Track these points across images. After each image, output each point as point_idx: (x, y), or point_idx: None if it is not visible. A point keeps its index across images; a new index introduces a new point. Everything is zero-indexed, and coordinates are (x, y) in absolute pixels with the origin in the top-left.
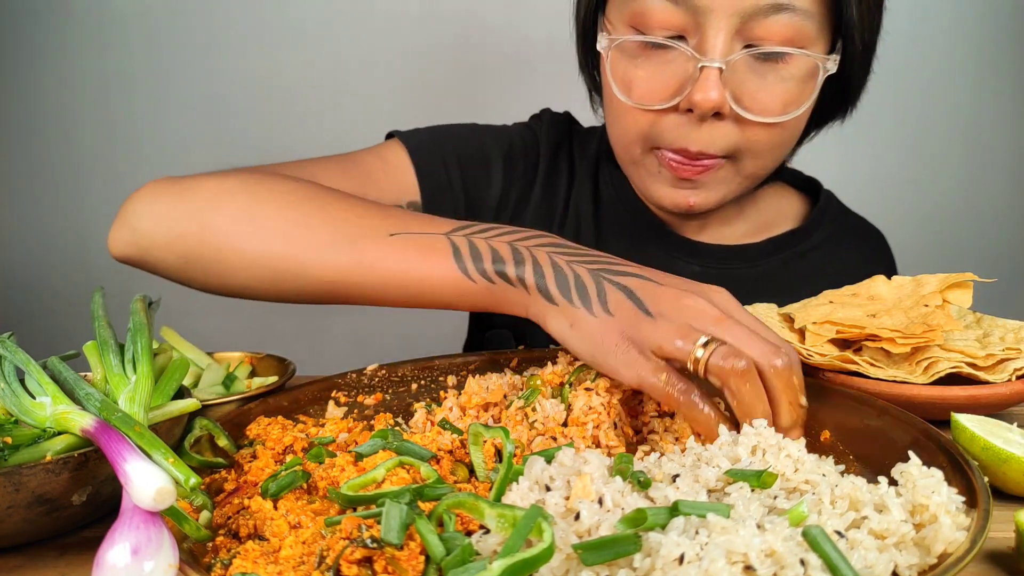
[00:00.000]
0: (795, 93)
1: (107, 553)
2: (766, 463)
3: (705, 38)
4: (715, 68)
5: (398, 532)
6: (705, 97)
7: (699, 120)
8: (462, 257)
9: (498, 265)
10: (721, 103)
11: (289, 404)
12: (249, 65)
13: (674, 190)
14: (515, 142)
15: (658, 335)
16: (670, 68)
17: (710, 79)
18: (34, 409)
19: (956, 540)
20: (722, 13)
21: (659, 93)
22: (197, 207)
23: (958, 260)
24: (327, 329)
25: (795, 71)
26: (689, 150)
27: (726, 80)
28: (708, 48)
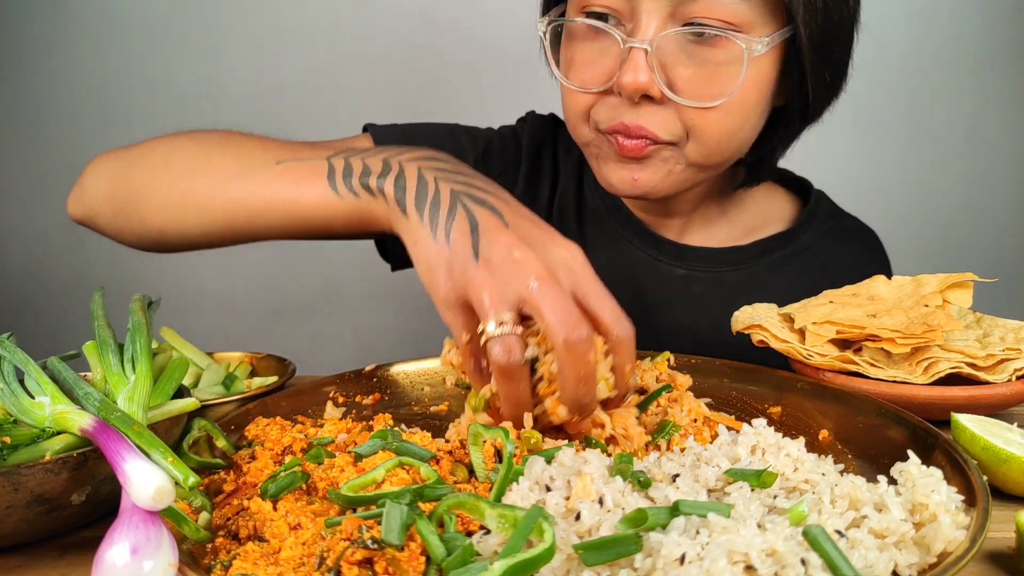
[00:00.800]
0: (725, 77)
1: (106, 552)
2: (766, 463)
3: (637, 20)
4: (641, 49)
5: (399, 533)
6: (632, 79)
7: (631, 103)
8: (335, 175)
9: (364, 178)
10: (647, 86)
11: (288, 404)
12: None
13: (620, 167)
14: (494, 144)
15: (474, 284)
16: (606, 51)
17: (637, 61)
18: (33, 409)
19: (956, 539)
20: None
21: (595, 76)
22: (126, 164)
23: (958, 260)
24: (327, 329)
25: (726, 54)
26: (626, 124)
27: (655, 63)
28: (638, 30)
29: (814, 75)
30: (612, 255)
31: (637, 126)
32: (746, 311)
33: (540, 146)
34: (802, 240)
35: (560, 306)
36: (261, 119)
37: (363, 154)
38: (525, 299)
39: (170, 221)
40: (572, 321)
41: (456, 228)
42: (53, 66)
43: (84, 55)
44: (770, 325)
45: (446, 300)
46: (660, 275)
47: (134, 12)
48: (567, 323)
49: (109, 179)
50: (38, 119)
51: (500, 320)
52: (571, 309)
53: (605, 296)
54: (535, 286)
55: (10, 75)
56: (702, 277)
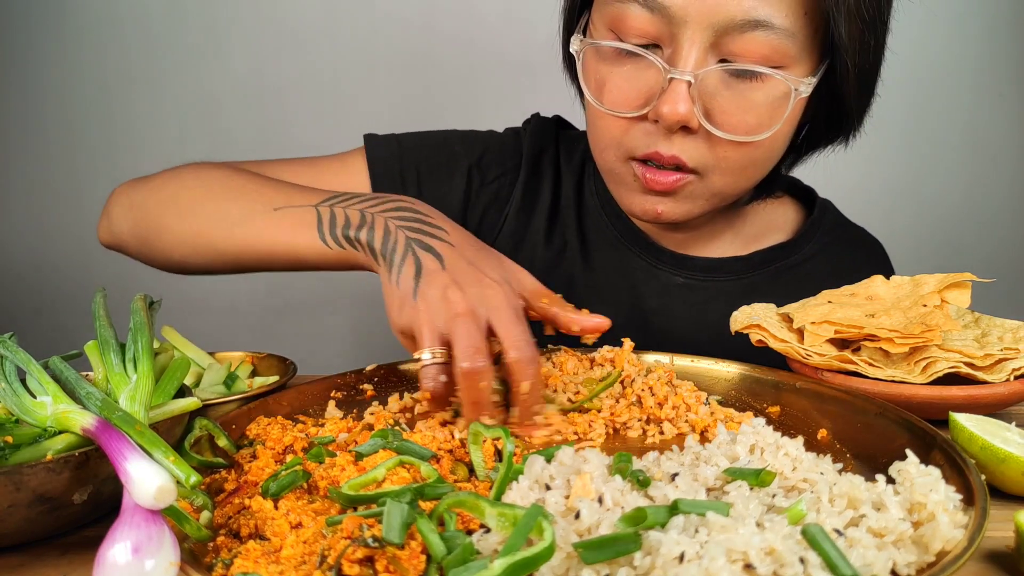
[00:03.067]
0: (767, 114)
1: (108, 551)
2: (764, 462)
3: (678, 49)
4: (684, 81)
5: (399, 531)
6: (671, 109)
7: (667, 131)
8: (323, 225)
9: (347, 230)
10: (688, 117)
11: (289, 404)
12: (248, 66)
13: (644, 198)
14: (492, 148)
15: (413, 319)
16: (642, 76)
17: (678, 92)
18: (35, 408)
19: (954, 538)
20: (696, 25)
21: (629, 100)
22: (143, 199)
23: (957, 260)
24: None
25: (769, 91)
26: (661, 153)
27: (696, 94)
28: (679, 60)
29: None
30: (612, 261)
31: (672, 156)
32: (745, 311)
33: (542, 149)
34: (804, 250)
35: (466, 341)
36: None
37: (345, 203)
38: (448, 332)
39: (188, 256)
40: (471, 353)
41: (404, 272)
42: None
43: (85, 56)
44: (769, 325)
45: (399, 330)
46: (660, 283)
47: (134, 12)
48: (467, 355)
49: (132, 212)
50: (39, 120)
51: (432, 352)
52: (475, 343)
53: (512, 324)
54: (450, 323)
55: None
56: (702, 286)
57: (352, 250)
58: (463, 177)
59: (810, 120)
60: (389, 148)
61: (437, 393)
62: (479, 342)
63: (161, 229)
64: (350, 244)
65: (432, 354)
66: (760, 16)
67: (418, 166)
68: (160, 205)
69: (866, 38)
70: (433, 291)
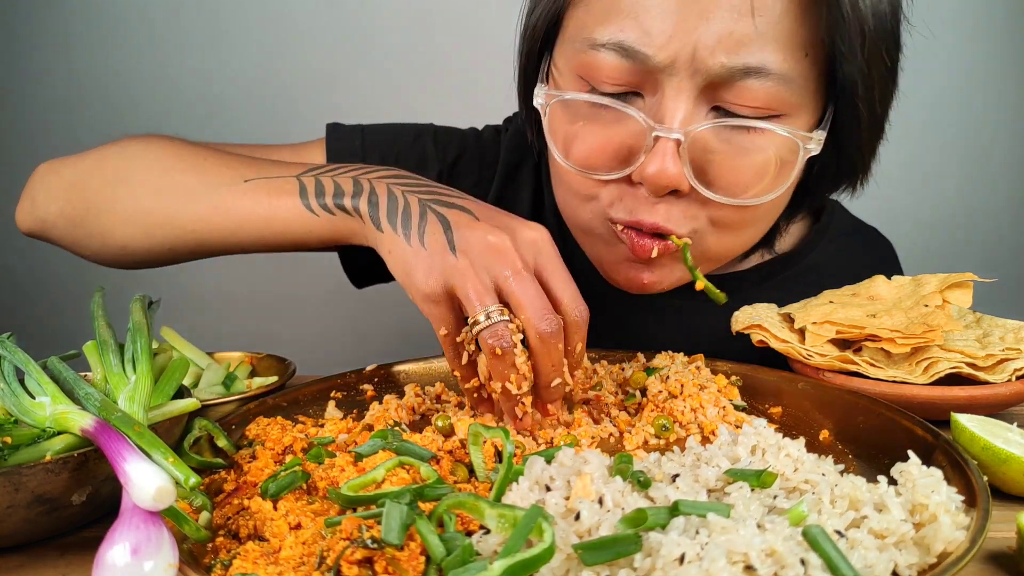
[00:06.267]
0: (771, 172)
1: (107, 553)
2: (766, 463)
3: (663, 100)
4: (672, 140)
5: (398, 532)
6: (659, 172)
7: (653, 195)
8: (307, 194)
9: (338, 198)
10: (678, 180)
11: (288, 404)
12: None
13: (628, 266)
14: (469, 151)
15: (456, 276)
16: (620, 131)
17: (665, 152)
18: (34, 409)
19: (956, 539)
20: (683, 73)
21: (605, 160)
22: (79, 175)
23: (958, 260)
24: (327, 329)
25: (771, 145)
26: (643, 223)
27: (686, 152)
28: (666, 114)
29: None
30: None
31: (654, 224)
32: (746, 311)
33: (520, 158)
34: (807, 260)
35: (534, 300)
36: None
37: (331, 173)
38: (502, 288)
39: (134, 237)
40: (545, 315)
41: (429, 231)
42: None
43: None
44: (770, 325)
45: (428, 295)
46: (652, 306)
47: (134, 12)
48: (538, 316)
49: (64, 191)
50: (38, 119)
51: (487, 312)
52: (544, 303)
53: (567, 280)
54: (510, 279)
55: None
56: (698, 306)
57: (345, 217)
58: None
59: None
60: (351, 143)
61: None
62: (545, 301)
63: (101, 211)
64: (343, 212)
65: (488, 316)
66: (752, 62)
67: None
68: (105, 183)
69: (876, 78)
70: (474, 240)
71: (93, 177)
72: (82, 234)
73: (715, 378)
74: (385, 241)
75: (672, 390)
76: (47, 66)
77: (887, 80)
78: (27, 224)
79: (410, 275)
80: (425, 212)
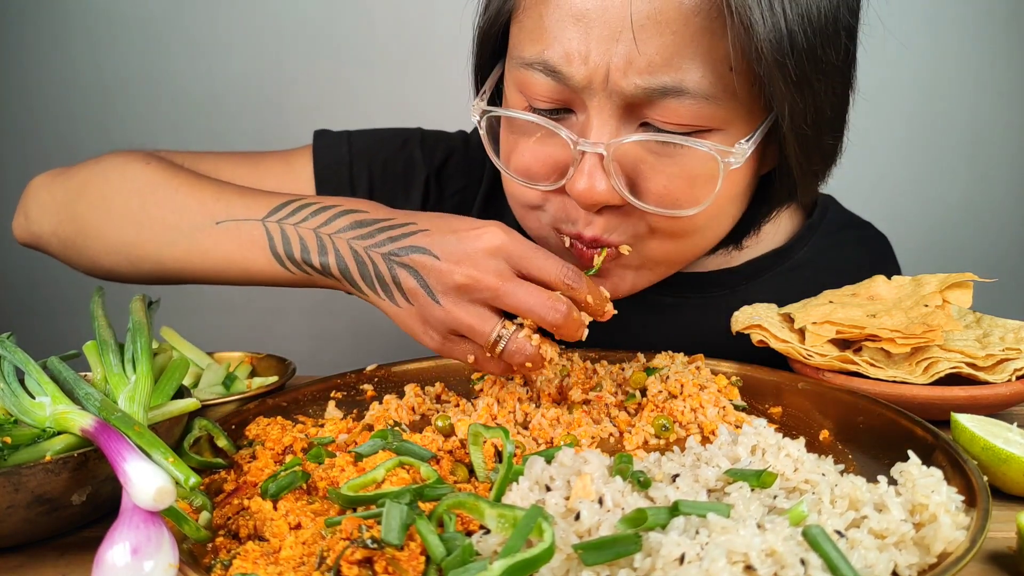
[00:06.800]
0: (700, 183)
1: (107, 553)
2: (766, 463)
3: (588, 118)
4: (595, 154)
5: (398, 532)
6: (587, 188)
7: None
8: (275, 246)
9: (306, 255)
10: (607, 195)
11: (288, 404)
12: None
13: None
14: (456, 154)
15: (449, 320)
16: (551, 145)
17: (592, 166)
18: (34, 409)
19: (956, 539)
20: (600, 94)
21: (542, 171)
22: (68, 197)
23: (958, 260)
24: (327, 329)
25: (697, 160)
26: (583, 236)
27: (613, 166)
28: (590, 130)
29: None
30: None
31: (593, 238)
32: (746, 311)
33: None
34: (799, 255)
35: (528, 300)
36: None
37: (295, 219)
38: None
39: (120, 266)
40: (548, 306)
41: (406, 288)
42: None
43: (84, 55)
44: (770, 325)
45: (440, 345)
46: (646, 304)
47: (134, 12)
48: (546, 310)
49: (54, 212)
50: (38, 119)
51: (497, 334)
52: (539, 295)
53: (543, 258)
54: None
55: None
56: (691, 304)
57: (318, 275)
58: (420, 188)
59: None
60: (338, 150)
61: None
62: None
63: (89, 234)
64: (314, 269)
65: (500, 335)
66: (668, 82)
67: (371, 171)
68: (89, 207)
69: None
70: (447, 282)
71: (79, 201)
72: (73, 255)
73: (715, 378)
74: (371, 300)
75: (672, 390)
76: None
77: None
78: (23, 237)
79: (413, 331)
80: (392, 268)
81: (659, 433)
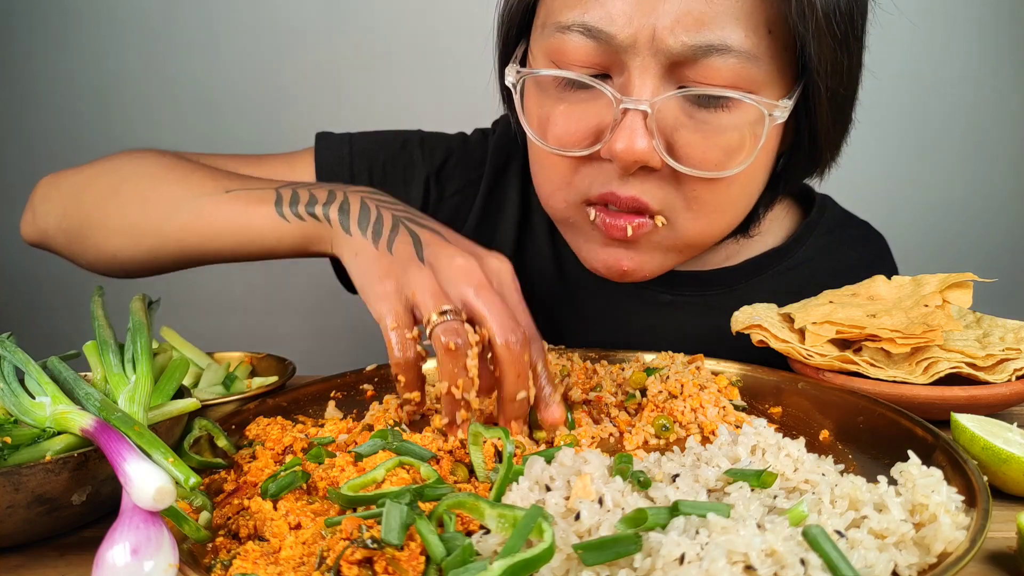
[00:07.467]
0: (738, 143)
1: (107, 553)
2: (766, 463)
3: (630, 78)
4: (639, 111)
5: (398, 532)
6: (627, 147)
7: (623, 171)
8: (282, 202)
9: (311, 206)
10: (647, 154)
11: (288, 404)
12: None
13: (606, 251)
14: (455, 155)
15: (417, 282)
16: (591, 109)
17: (634, 125)
18: (34, 409)
19: (956, 539)
20: (645, 52)
21: (578, 137)
22: (75, 189)
23: (958, 260)
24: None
25: (738, 118)
26: (617, 194)
27: (655, 126)
28: (632, 89)
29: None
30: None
31: (630, 197)
32: (746, 311)
33: (508, 158)
34: (798, 254)
35: (500, 312)
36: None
37: (310, 186)
38: (468, 303)
39: (123, 247)
40: (511, 326)
41: (399, 241)
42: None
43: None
44: (770, 325)
45: (383, 294)
46: (643, 302)
47: (134, 12)
48: (507, 327)
49: (62, 205)
50: (38, 119)
51: (441, 310)
52: (509, 315)
53: (524, 308)
54: (476, 293)
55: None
56: (690, 302)
57: (314, 223)
58: (420, 188)
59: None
60: (339, 150)
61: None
62: (511, 314)
63: (94, 223)
64: (314, 218)
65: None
66: (714, 40)
67: (371, 171)
68: (98, 197)
69: (839, 58)
70: (442, 258)
71: (87, 192)
72: (78, 247)
73: (715, 378)
74: (352, 244)
75: (672, 390)
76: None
77: (851, 61)
78: (30, 235)
79: (369, 275)
80: (397, 225)
81: (659, 433)
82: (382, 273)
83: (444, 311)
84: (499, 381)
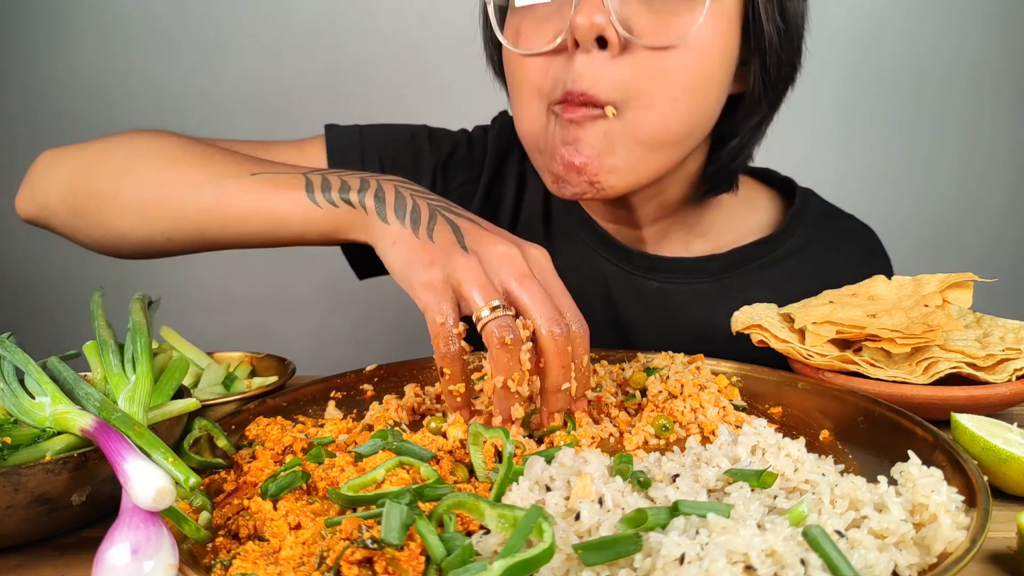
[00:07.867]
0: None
1: (107, 553)
2: (766, 463)
3: None
4: None
5: (398, 532)
6: (586, 20)
7: (584, 52)
8: (313, 188)
9: (344, 193)
10: (602, 26)
11: (288, 404)
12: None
13: (561, 151)
14: (460, 149)
15: (462, 272)
16: (555, 12)
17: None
18: (33, 409)
19: (956, 539)
20: None
21: (544, 34)
22: (85, 164)
23: (958, 260)
24: (327, 329)
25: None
26: (573, 91)
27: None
28: None
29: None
30: (581, 268)
31: (580, 91)
32: (746, 311)
33: (506, 153)
34: (787, 244)
35: (544, 302)
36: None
37: (339, 172)
38: (511, 292)
39: (135, 226)
40: (555, 317)
41: (439, 229)
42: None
43: (84, 55)
44: (770, 325)
45: (428, 283)
46: (633, 289)
47: (134, 12)
48: (551, 318)
49: (66, 179)
50: (38, 118)
51: (492, 306)
52: (552, 306)
53: (568, 297)
54: (519, 282)
55: (10, 75)
56: (677, 289)
57: (348, 210)
58: (428, 178)
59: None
60: (350, 139)
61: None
62: (553, 304)
63: (105, 198)
64: (348, 205)
65: (493, 308)
66: None
67: (381, 159)
68: (110, 172)
69: None
70: (485, 245)
71: (97, 166)
72: (82, 222)
73: (715, 378)
74: (390, 232)
75: (672, 390)
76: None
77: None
78: (26, 211)
79: (412, 263)
80: (435, 214)
81: (659, 433)
82: (427, 261)
83: (495, 306)
84: (543, 372)
